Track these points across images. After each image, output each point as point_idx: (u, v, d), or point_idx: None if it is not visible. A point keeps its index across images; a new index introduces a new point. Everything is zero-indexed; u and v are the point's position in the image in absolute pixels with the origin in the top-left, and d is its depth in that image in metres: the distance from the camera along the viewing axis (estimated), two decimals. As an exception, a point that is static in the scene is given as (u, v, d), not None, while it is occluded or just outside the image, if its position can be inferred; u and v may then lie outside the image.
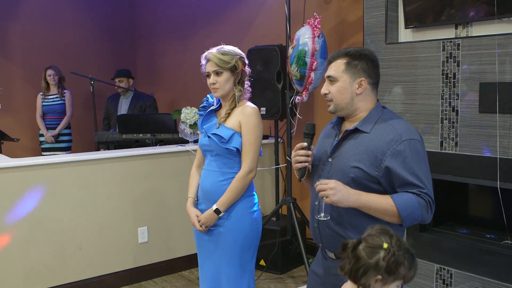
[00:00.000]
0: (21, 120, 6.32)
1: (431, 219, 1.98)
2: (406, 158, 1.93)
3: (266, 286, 4.14)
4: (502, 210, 2.87)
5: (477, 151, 2.99)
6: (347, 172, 2.00)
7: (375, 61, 2.08)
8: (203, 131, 2.73)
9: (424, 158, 1.99)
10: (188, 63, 6.31)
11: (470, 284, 3.06)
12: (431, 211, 1.95)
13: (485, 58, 2.93)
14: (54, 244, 3.81)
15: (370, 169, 1.96)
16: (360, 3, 3.79)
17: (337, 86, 2.05)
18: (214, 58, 2.62)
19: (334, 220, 2.05)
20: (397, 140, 1.95)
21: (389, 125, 2.01)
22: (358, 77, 2.04)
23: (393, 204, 1.91)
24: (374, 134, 2.00)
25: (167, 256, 4.39)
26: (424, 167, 1.97)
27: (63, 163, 3.85)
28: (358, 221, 2.01)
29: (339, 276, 2.10)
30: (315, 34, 3.83)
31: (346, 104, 2.06)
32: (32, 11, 6.44)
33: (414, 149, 1.95)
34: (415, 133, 2.01)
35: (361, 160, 1.98)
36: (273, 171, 4.84)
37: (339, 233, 2.05)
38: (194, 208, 2.76)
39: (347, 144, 2.06)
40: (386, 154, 1.95)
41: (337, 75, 2.05)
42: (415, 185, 1.93)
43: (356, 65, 2.04)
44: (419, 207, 1.92)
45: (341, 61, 2.06)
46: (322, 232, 2.11)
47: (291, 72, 3.95)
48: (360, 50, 2.07)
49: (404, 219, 1.92)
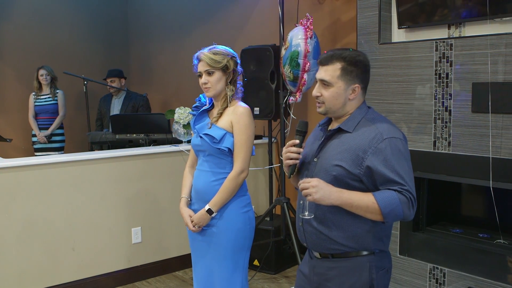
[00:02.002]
0: (14, 120, 6.29)
1: (413, 216, 1.98)
2: (387, 156, 1.94)
3: (260, 286, 4.14)
4: (495, 210, 2.88)
5: (470, 150, 3.01)
6: (330, 171, 2.01)
7: (368, 66, 2.08)
8: (195, 131, 2.73)
9: (406, 156, 1.99)
10: (181, 63, 6.30)
11: (463, 283, 3.07)
12: (413, 208, 1.95)
13: (478, 58, 2.94)
14: (47, 244, 3.79)
15: (352, 168, 1.98)
16: (354, 3, 3.80)
17: (331, 92, 2.04)
18: (205, 58, 2.62)
19: (317, 219, 2.06)
20: (378, 139, 1.97)
21: (371, 124, 2.02)
22: (352, 84, 2.04)
23: (374, 201, 1.92)
24: (357, 133, 2.02)
25: (161, 256, 4.38)
26: (405, 164, 1.97)
27: (56, 163, 3.84)
28: (341, 220, 2.02)
29: (323, 275, 2.12)
30: (307, 35, 3.82)
31: (338, 109, 2.07)
32: (25, 10, 6.41)
33: (395, 147, 1.96)
34: (397, 132, 2.02)
35: (343, 159, 1.99)
36: (267, 171, 4.84)
37: (322, 232, 2.06)
38: (187, 208, 2.76)
39: (331, 143, 2.07)
40: (368, 153, 1.96)
41: (332, 80, 2.03)
42: (396, 182, 1.93)
43: (352, 71, 2.03)
44: (401, 204, 1.92)
45: (336, 66, 2.03)
46: (306, 231, 2.12)
47: (284, 73, 3.95)
48: (356, 56, 2.05)
49: (386, 216, 1.92)
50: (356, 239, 2.02)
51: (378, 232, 2.04)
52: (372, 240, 2.03)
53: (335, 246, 2.05)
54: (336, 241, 2.04)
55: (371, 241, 2.03)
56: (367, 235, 2.02)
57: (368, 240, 2.03)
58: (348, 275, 2.05)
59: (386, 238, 2.10)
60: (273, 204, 4.36)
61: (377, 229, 2.03)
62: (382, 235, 2.06)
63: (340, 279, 2.06)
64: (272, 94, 4.32)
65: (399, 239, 3.40)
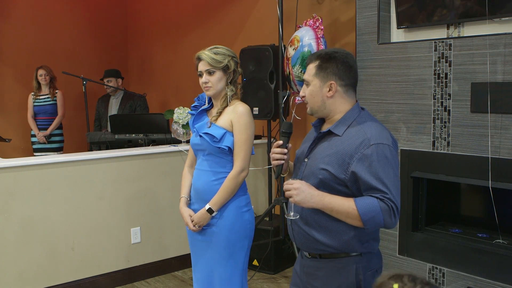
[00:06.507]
0: (13, 120, 6.28)
1: (395, 225, 1.96)
2: (372, 163, 1.91)
3: (259, 286, 4.14)
4: (494, 209, 2.89)
5: (469, 150, 3.01)
6: (317, 174, 2.01)
7: (346, 63, 2.04)
8: (194, 130, 2.73)
9: (392, 163, 1.95)
10: (180, 63, 6.30)
11: (462, 283, 3.07)
12: (395, 216, 1.91)
13: (477, 58, 2.95)
14: (47, 244, 3.79)
15: (337, 172, 1.96)
16: (353, 4, 3.80)
17: (309, 90, 2.07)
18: (206, 57, 2.63)
19: (303, 219, 2.06)
20: (365, 144, 1.94)
21: (361, 129, 2.00)
22: (327, 80, 2.03)
23: (354, 208, 1.90)
24: (345, 137, 2.00)
25: (160, 256, 4.38)
26: (391, 172, 1.93)
27: (55, 164, 3.83)
28: (326, 222, 2.01)
29: (312, 274, 2.12)
30: (318, 35, 3.87)
31: (318, 107, 2.07)
32: (24, 11, 6.40)
33: (382, 154, 1.93)
34: (386, 138, 1.98)
35: (330, 163, 1.98)
36: (266, 171, 4.84)
37: (308, 232, 2.05)
38: (187, 208, 2.76)
39: (321, 146, 2.07)
40: (354, 158, 1.94)
41: (309, 78, 2.06)
42: (379, 190, 1.90)
43: (326, 68, 2.03)
44: (381, 212, 1.89)
45: (313, 64, 2.06)
46: (295, 230, 2.13)
47: (293, 73, 3.95)
48: (331, 53, 2.05)
49: (365, 222, 1.90)
50: (342, 241, 2.00)
51: (363, 236, 2.01)
52: (357, 243, 2.01)
53: (321, 247, 2.04)
54: (322, 242, 2.02)
55: (356, 244, 2.01)
56: (352, 238, 1.99)
57: (354, 243, 2.00)
58: (335, 276, 2.04)
59: (373, 240, 2.07)
60: (272, 204, 4.35)
61: (362, 233, 2.00)
62: (368, 238, 2.04)
63: (327, 279, 2.05)
64: (271, 94, 4.33)
65: (398, 239, 3.41)
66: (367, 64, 3.49)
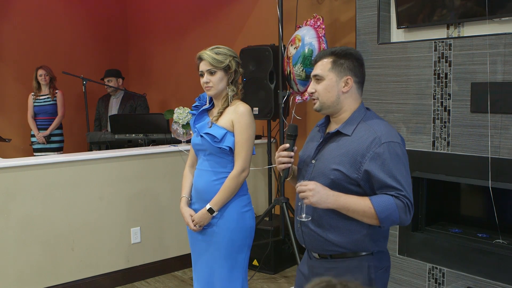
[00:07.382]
0: (13, 121, 6.28)
1: (410, 221, 1.98)
2: (385, 161, 1.94)
3: (259, 286, 4.14)
4: (494, 210, 2.89)
5: (469, 150, 3.01)
6: (328, 174, 2.02)
7: (360, 60, 2.10)
8: (195, 130, 2.73)
9: (403, 161, 1.99)
10: (180, 63, 6.30)
11: (462, 283, 3.07)
12: (410, 213, 1.95)
13: (477, 58, 2.95)
14: (46, 244, 3.79)
15: (350, 172, 1.98)
16: (352, 4, 3.80)
17: (323, 85, 2.07)
18: (208, 57, 2.63)
19: (314, 221, 2.07)
20: (376, 143, 1.96)
21: (370, 128, 2.02)
22: (344, 75, 2.06)
23: (371, 206, 1.92)
24: (355, 137, 2.02)
25: (160, 256, 4.38)
26: (403, 169, 1.97)
27: (55, 164, 3.83)
28: (338, 222, 2.02)
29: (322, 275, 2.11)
30: (319, 34, 3.87)
31: (332, 103, 2.08)
32: (23, 10, 6.40)
33: (393, 152, 1.96)
34: (395, 135, 2.02)
35: (341, 163, 1.99)
36: (266, 171, 4.84)
37: (319, 234, 2.06)
38: (188, 208, 2.76)
39: (329, 146, 2.07)
40: (366, 157, 1.96)
41: (324, 73, 2.07)
42: (394, 188, 1.93)
43: (342, 63, 2.06)
44: (397, 209, 1.92)
45: (327, 60, 2.07)
46: (305, 232, 2.13)
47: (294, 72, 3.95)
48: (346, 49, 2.09)
49: (382, 220, 1.93)
50: (353, 241, 2.02)
51: (375, 234, 2.03)
52: (369, 242, 2.03)
53: (332, 248, 2.05)
54: (334, 243, 2.04)
55: (368, 243, 2.03)
56: (364, 237, 2.02)
57: (366, 242, 2.02)
58: (347, 275, 2.05)
59: (384, 239, 2.10)
60: (272, 204, 4.36)
61: (374, 231, 2.03)
62: (380, 237, 2.06)
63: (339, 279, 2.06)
64: (271, 94, 4.33)
65: (398, 239, 3.41)
66: (367, 64, 3.43)
